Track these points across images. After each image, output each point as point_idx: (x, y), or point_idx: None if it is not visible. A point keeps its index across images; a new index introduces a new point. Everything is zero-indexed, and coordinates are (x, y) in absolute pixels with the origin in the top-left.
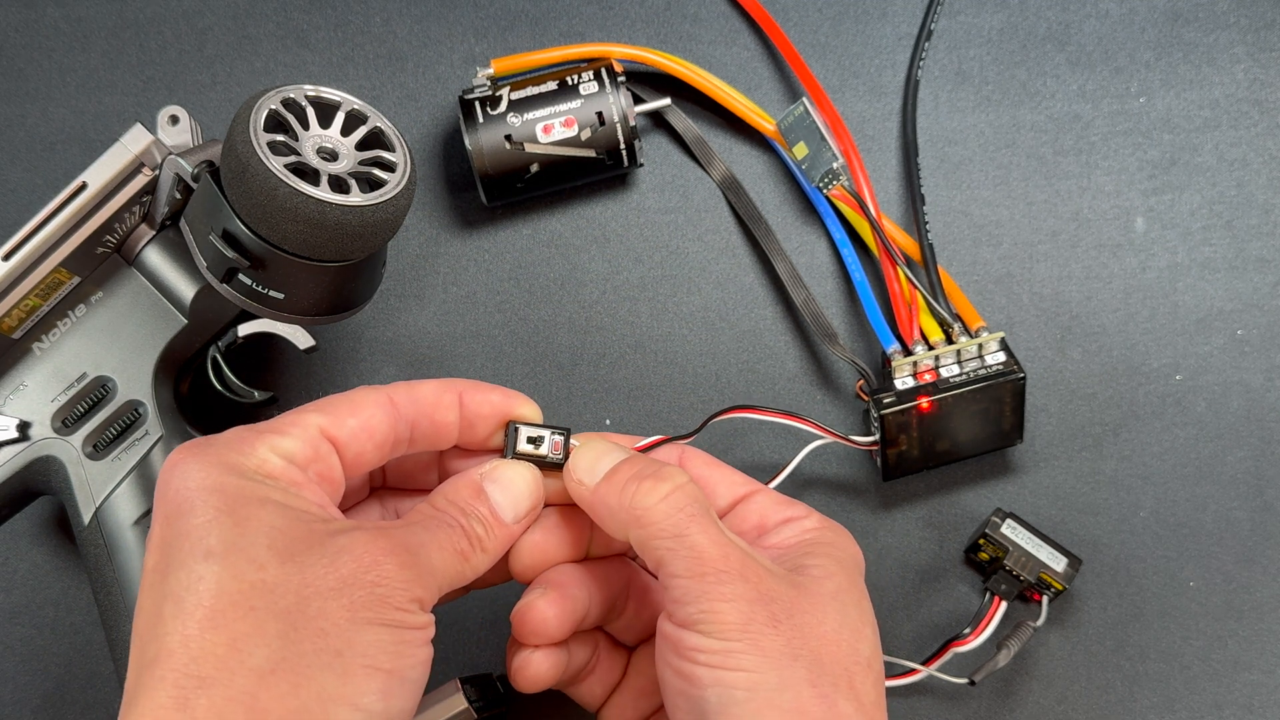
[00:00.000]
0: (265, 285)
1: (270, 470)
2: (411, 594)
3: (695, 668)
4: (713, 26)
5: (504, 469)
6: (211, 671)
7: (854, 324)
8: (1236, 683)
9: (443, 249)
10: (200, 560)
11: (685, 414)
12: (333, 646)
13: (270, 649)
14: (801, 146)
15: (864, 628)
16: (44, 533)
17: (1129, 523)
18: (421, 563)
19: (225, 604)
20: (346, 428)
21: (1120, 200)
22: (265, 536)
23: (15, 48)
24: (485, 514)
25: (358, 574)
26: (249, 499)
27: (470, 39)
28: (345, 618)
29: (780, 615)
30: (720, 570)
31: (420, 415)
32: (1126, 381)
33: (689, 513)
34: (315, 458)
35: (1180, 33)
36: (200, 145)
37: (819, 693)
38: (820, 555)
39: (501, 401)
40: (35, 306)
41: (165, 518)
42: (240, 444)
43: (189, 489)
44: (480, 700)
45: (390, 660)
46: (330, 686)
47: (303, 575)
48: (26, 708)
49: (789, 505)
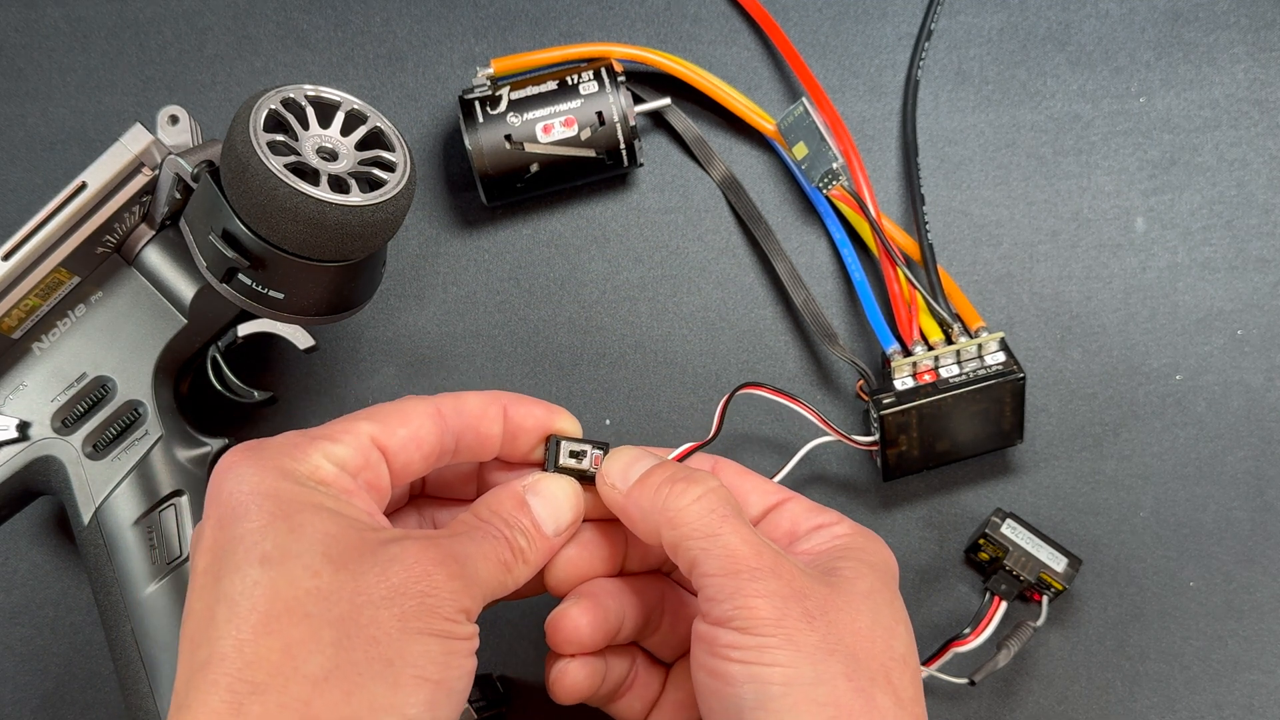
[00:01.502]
0: (265, 285)
1: (323, 477)
2: (460, 604)
3: (730, 665)
4: (713, 26)
5: (546, 482)
6: (266, 678)
7: (854, 324)
8: (1236, 683)
9: (443, 249)
10: (255, 565)
11: (685, 414)
12: (384, 655)
13: (324, 656)
14: (801, 146)
15: (897, 626)
16: (44, 533)
17: (1129, 523)
18: (469, 573)
19: (280, 610)
20: (397, 438)
21: (1120, 200)
22: (320, 543)
23: (15, 48)
24: (528, 526)
25: (409, 583)
26: (303, 505)
27: (470, 39)
28: (396, 627)
29: (815, 611)
30: (754, 567)
31: (466, 427)
32: (1126, 381)
33: (721, 514)
34: (365, 466)
35: (1180, 33)
36: (200, 145)
37: (856, 687)
38: (851, 559)
39: (544, 415)
40: (35, 306)
41: (218, 520)
42: (294, 449)
43: (243, 493)
44: (480, 700)
45: (438, 671)
46: (380, 696)
47: (356, 583)
48: (26, 708)
49: (821, 513)
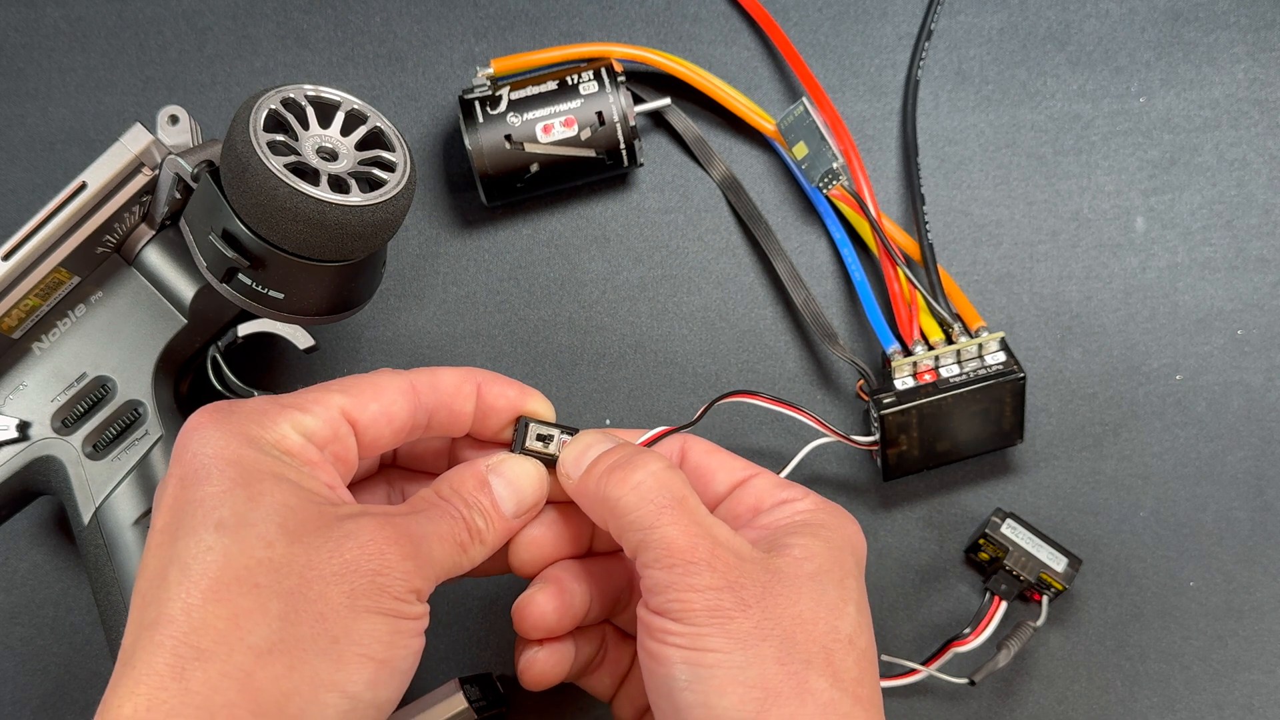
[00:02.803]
0: (265, 285)
1: (288, 447)
2: (411, 584)
3: (666, 648)
4: (713, 26)
5: (510, 463)
6: (211, 645)
7: (854, 324)
8: (1236, 683)
9: (443, 249)
10: (211, 530)
11: (685, 414)
12: (330, 632)
13: (270, 629)
14: (801, 146)
15: (845, 605)
16: (44, 533)
17: (1129, 523)
18: (423, 553)
19: (230, 578)
20: (368, 411)
21: (1120, 200)
22: (277, 514)
23: (15, 48)
24: (487, 506)
25: (360, 561)
26: (264, 474)
27: (470, 39)
28: (344, 604)
29: (750, 600)
30: (689, 561)
31: (440, 404)
32: (1126, 381)
33: (659, 503)
34: (333, 438)
35: (1180, 32)
36: (200, 145)
37: (787, 670)
38: (805, 535)
39: (516, 396)
40: (35, 306)
41: (180, 480)
42: (262, 416)
43: (206, 455)
44: (480, 700)
45: (384, 650)
46: (324, 671)
47: (308, 556)
48: (26, 708)
49: (786, 488)
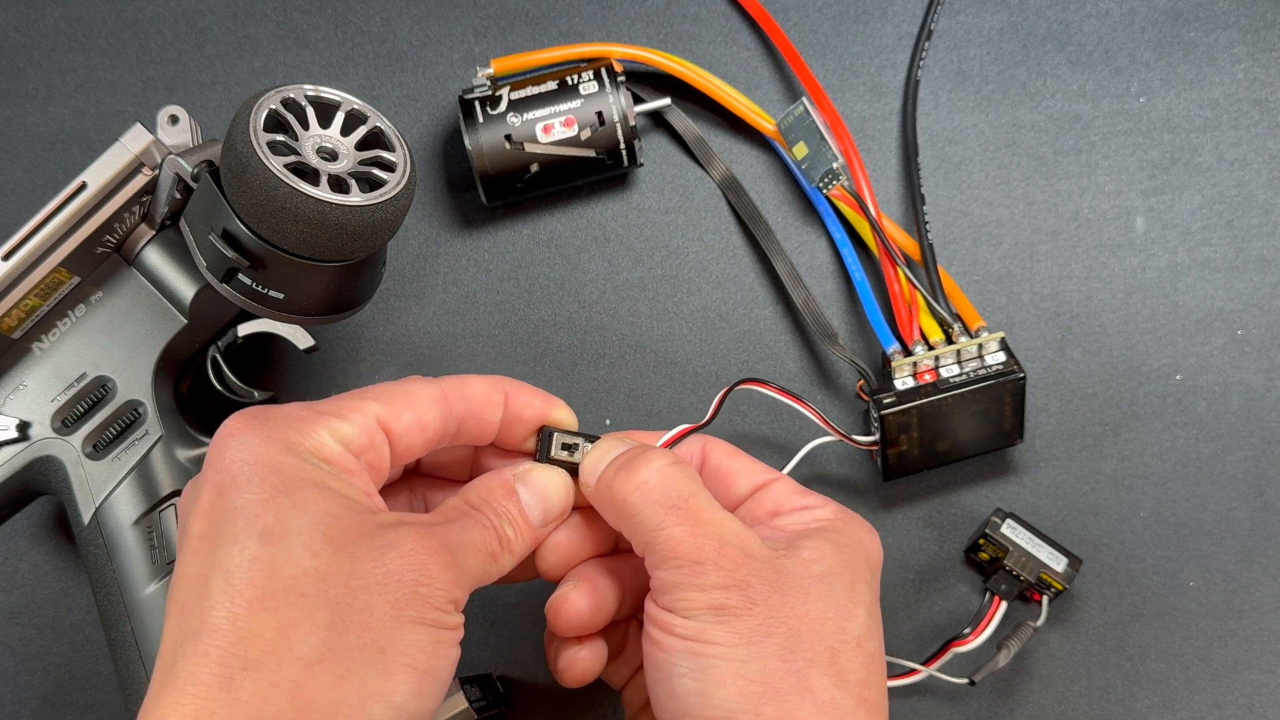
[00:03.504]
0: (265, 285)
1: (327, 454)
2: (450, 595)
3: (669, 638)
4: (713, 26)
5: (537, 472)
6: (259, 655)
7: (854, 324)
8: (1236, 683)
9: (443, 249)
10: (255, 539)
11: (685, 415)
12: (376, 642)
13: (318, 639)
14: (801, 146)
15: (855, 608)
16: (44, 533)
17: (1129, 523)
18: (460, 564)
19: (278, 587)
20: (402, 420)
21: (1120, 200)
22: (321, 523)
23: (15, 48)
24: (515, 515)
25: (404, 571)
26: (306, 482)
27: (470, 39)
28: (389, 614)
29: (756, 598)
30: (695, 561)
31: (469, 413)
32: (1126, 381)
33: (665, 503)
34: (369, 446)
35: (1180, 32)
36: (200, 145)
37: (790, 668)
38: (818, 539)
39: (542, 406)
40: (35, 306)
41: (217, 487)
42: (299, 423)
43: (244, 461)
44: (480, 700)
45: (427, 660)
46: (370, 682)
47: (353, 566)
48: (26, 708)
49: (806, 495)
